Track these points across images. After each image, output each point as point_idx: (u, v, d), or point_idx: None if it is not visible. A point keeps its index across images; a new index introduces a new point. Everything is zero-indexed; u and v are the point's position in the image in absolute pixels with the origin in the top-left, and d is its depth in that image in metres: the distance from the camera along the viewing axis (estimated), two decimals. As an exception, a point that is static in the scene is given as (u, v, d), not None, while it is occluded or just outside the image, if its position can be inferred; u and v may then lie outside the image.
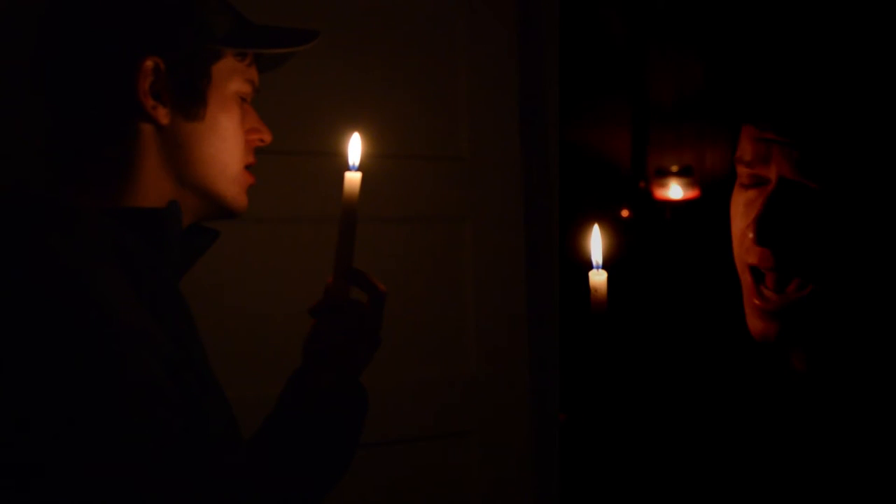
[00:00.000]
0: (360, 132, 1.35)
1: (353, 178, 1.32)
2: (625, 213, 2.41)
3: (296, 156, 2.00)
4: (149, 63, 1.17)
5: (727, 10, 1.26)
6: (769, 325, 1.17)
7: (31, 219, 1.07)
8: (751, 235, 1.15)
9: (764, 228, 1.14)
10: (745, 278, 1.20)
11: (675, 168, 2.40)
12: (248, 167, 1.29)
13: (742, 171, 1.18)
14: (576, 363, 1.76)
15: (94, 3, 1.19)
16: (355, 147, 1.34)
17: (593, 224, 1.18)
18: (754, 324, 1.19)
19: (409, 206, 2.21)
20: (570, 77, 2.21)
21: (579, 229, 1.24)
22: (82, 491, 0.95)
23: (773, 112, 1.13)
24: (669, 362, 1.33)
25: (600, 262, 1.16)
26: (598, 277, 1.16)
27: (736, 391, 1.27)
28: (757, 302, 1.18)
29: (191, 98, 1.21)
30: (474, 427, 2.26)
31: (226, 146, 1.24)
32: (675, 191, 2.40)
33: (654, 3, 2.30)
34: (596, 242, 1.17)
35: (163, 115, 1.19)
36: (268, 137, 1.31)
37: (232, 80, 1.25)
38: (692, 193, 2.40)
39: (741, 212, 1.19)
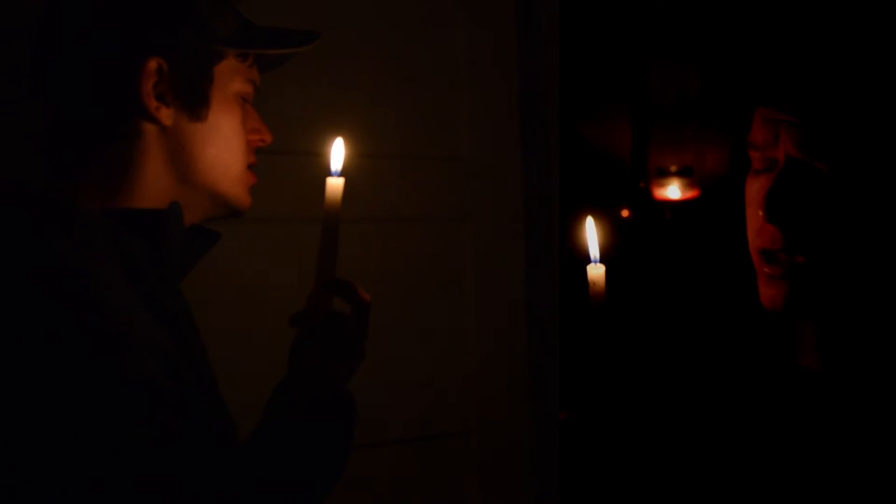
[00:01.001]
0: (343, 136, 1.32)
1: (335, 185, 1.28)
2: (625, 212, 2.41)
3: (296, 156, 2.00)
4: (152, 64, 1.17)
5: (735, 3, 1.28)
6: (778, 290, 1.19)
7: (30, 219, 1.07)
8: (760, 213, 1.18)
9: (773, 205, 1.16)
10: (757, 260, 1.21)
11: (674, 168, 2.40)
12: (249, 167, 1.29)
13: (754, 155, 1.21)
14: (576, 362, 1.76)
15: (96, 3, 1.18)
16: (338, 152, 1.31)
17: (586, 217, 1.19)
18: (764, 292, 1.20)
19: (409, 206, 2.21)
20: (570, 77, 2.21)
21: (578, 228, 1.24)
22: (82, 491, 0.95)
23: (780, 92, 1.16)
24: (671, 361, 1.33)
25: (597, 256, 1.17)
26: (595, 271, 1.16)
27: (739, 388, 1.27)
28: (767, 269, 1.19)
29: (194, 99, 1.21)
30: (474, 427, 2.26)
31: (229, 146, 1.24)
32: (674, 191, 2.40)
33: (655, 3, 2.30)
34: (591, 235, 1.18)
35: (166, 115, 1.19)
36: (268, 138, 1.31)
37: (234, 80, 1.25)
38: (692, 193, 2.40)
39: (753, 197, 1.21)
